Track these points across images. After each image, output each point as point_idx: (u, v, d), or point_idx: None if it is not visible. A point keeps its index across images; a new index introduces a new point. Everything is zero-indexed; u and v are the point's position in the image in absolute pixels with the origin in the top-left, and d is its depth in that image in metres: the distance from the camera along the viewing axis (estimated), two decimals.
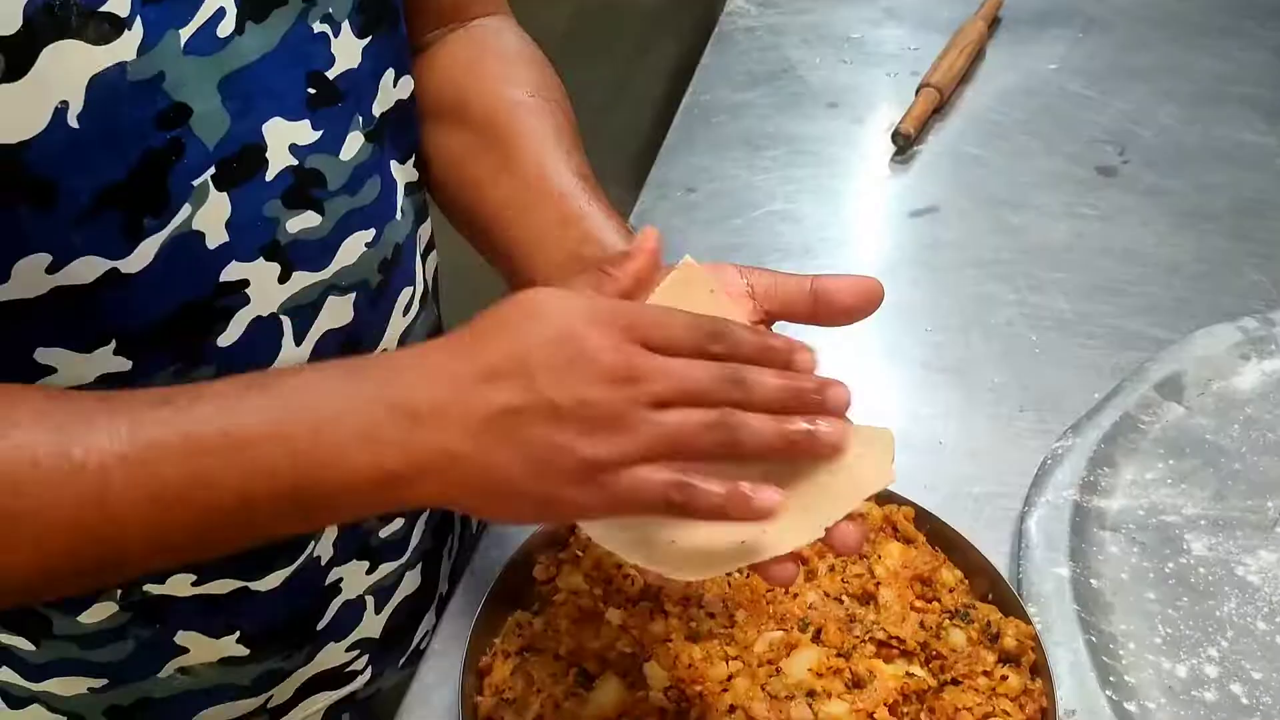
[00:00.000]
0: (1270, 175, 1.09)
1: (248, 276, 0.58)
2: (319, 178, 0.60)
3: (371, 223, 0.64)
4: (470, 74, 0.72)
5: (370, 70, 0.62)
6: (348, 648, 0.77)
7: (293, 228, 0.60)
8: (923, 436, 0.85)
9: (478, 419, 0.46)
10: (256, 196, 0.57)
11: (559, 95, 0.72)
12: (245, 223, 0.57)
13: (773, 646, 0.65)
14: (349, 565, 0.74)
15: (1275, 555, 0.74)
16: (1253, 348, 0.87)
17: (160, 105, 0.52)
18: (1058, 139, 1.16)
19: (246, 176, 0.56)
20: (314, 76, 0.59)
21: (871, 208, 1.10)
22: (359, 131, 0.62)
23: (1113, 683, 0.66)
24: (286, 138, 0.58)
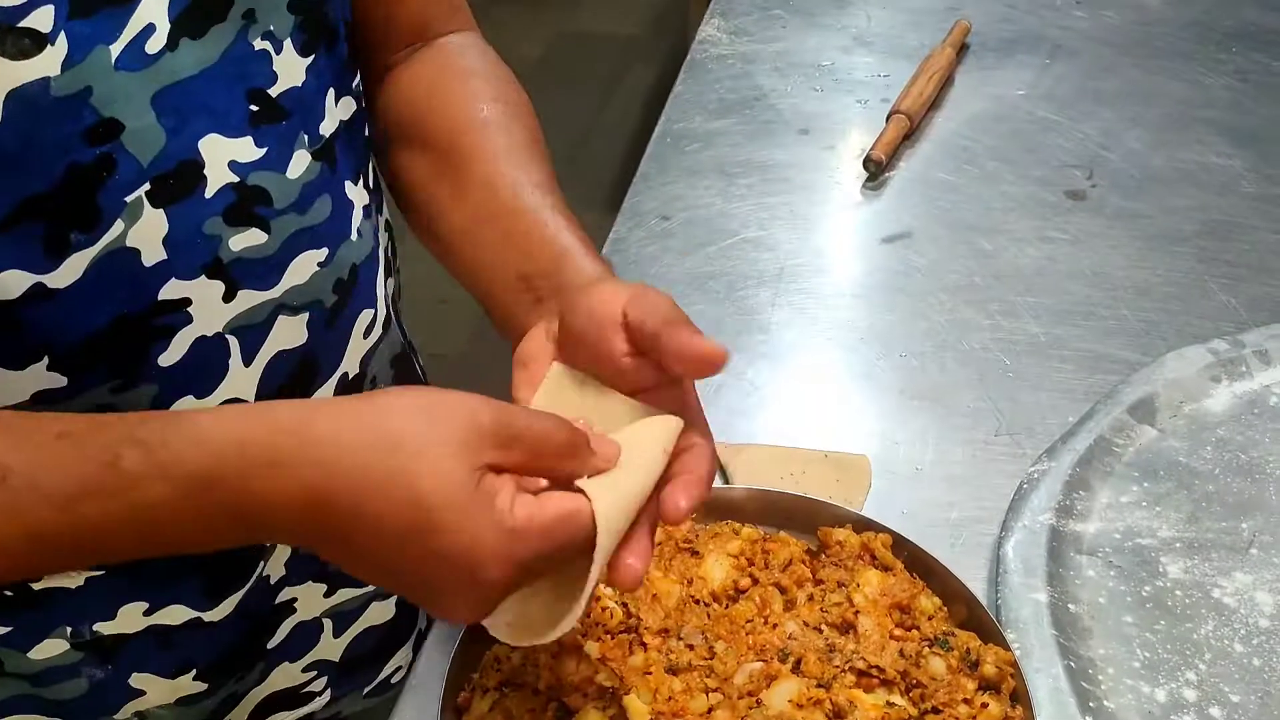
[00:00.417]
0: (1236, 198, 1.10)
1: (189, 295, 0.58)
2: (263, 195, 0.60)
3: (324, 242, 0.64)
4: (431, 95, 0.72)
5: (315, 89, 0.62)
6: (304, 668, 0.76)
7: (236, 245, 0.59)
8: (900, 462, 0.85)
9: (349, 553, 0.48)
10: (195, 213, 0.57)
11: (519, 107, 0.72)
12: (184, 240, 0.57)
13: (753, 678, 0.64)
14: (304, 586, 0.73)
15: (1250, 577, 0.74)
16: (1223, 369, 0.88)
17: (88, 120, 0.51)
18: (1027, 164, 1.17)
19: (184, 193, 0.56)
20: (255, 94, 0.58)
21: (844, 234, 1.11)
22: (305, 150, 0.62)
23: (1092, 708, 0.66)
24: (225, 154, 0.57)
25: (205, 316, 0.59)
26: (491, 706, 0.67)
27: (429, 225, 0.70)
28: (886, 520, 0.75)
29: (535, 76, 0.77)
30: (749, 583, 0.70)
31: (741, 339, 0.97)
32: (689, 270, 1.05)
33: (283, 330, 0.63)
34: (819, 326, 0.99)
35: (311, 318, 0.64)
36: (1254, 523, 0.78)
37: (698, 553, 0.72)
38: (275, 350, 0.63)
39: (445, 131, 0.70)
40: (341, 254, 0.65)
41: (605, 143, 2.64)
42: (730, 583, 0.70)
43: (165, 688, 0.68)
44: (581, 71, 2.67)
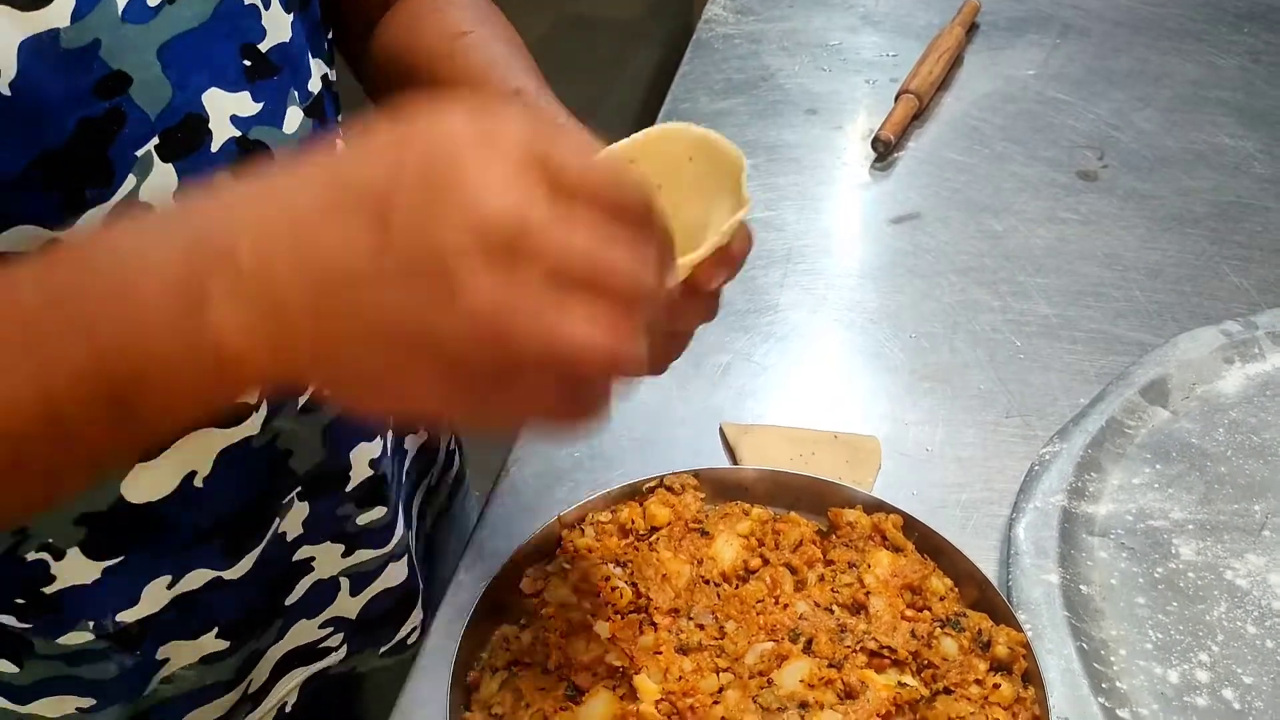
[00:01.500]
0: (1248, 179, 1.10)
1: None
2: (264, 149, 0.60)
3: None
4: (409, 32, 0.72)
5: (300, 46, 0.63)
6: (320, 624, 0.76)
7: None
8: (910, 444, 0.85)
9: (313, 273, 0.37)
10: (203, 167, 0.57)
11: (500, 28, 0.72)
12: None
13: (764, 658, 0.64)
14: (321, 546, 0.73)
15: (1263, 559, 0.74)
16: (1236, 351, 0.88)
17: (97, 73, 0.51)
18: (1037, 144, 1.16)
19: (191, 147, 0.56)
20: (248, 49, 0.58)
21: (853, 214, 1.10)
22: (298, 106, 0.62)
23: (1105, 689, 0.66)
24: (227, 108, 0.57)
25: None
26: (501, 686, 0.67)
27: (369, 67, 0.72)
28: (897, 501, 0.75)
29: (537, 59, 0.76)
30: (759, 563, 0.70)
31: (750, 319, 0.97)
32: None
33: None
34: (828, 307, 0.98)
35: None
36: (1266, 504, 0.77)
37: (708, 533, 0.71)
38: None
39: (426, 61, 0.70)
40: None
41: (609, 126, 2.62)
42: (740, 563, 0.70)
43: (189, 650, 0.69)
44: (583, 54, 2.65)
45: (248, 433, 0.64)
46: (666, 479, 0.75)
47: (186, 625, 0.68)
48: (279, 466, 0.68)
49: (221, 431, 0.63)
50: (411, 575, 0.81)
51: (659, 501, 0.73)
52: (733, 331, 0.95)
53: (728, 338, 0.95)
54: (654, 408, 0.88)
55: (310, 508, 0.71)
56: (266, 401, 0.64)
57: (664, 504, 0.73)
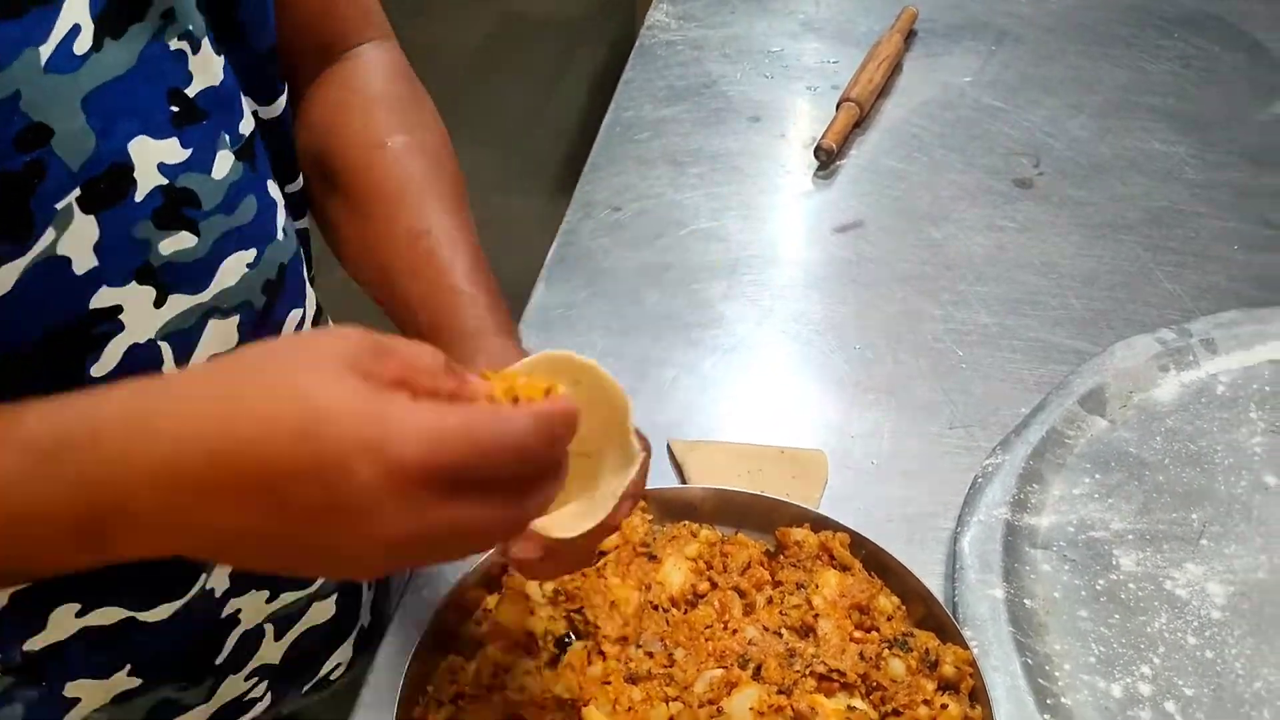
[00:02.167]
0: (1180, 185, 1.11)
1: (120, 302, 0.57)
2: (191, 197, 0.58)
3: (251, 243, 0.63)
4: (331, 129, 0.71)
5: (232, 88, 0.61)
6: (246, 676, 0.74)
7: (166, 249, 0.58)
8: (856, 457, 0.85)
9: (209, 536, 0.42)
10: (126, 218, 0.55)
11: (426, 137, 0.71)
12: (115, 245, 0.55)
13: (713, 685, 0.64)
14: (247, 596, 0.71)
15: (1201, 568, 0.75)
16: (1171, 359, 0.89)
17: (17, 126, 0.49)
18: (974, 152, 1.17)
19: (115, 198, 0.55)
20: (174, 94, 0.57)
21: (796, 224, 1.10)
22: (228, 150, 0.61)
23: (1050, 705, 0.67)
24: (154, 156, 0.56)
25: (137, 324, 0.58)
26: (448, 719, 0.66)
27: (345, 263, 0.70)
28: (844, 517, 0.75)
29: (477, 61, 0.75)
30: (708, 587, 0.69)
31: (695, 332, 0.96)
32: (642, 262, 1.04)
33: (214, 334, 0.61)
34: (773, 319, 0.98)
35: (242, 320, 0.63)
36: (1203, 513, 0.79)
37: (655, 557, 0.71)
38: (207, 355, 0.61)
39: (345, 170, 0.69)
40: (269, 254, 0.64)
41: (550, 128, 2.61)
42: (689, 587, 0.69)
43: (100, 690, 0.66)
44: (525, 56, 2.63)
45: None
46: None
47: (96, 661, 0.65)
48: None
49: None
50: (340, 612, 0.79)
51: None
52: (679, 345, 0.95)
53: (674, 351, 0.94)
54: None
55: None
56: None
57: None
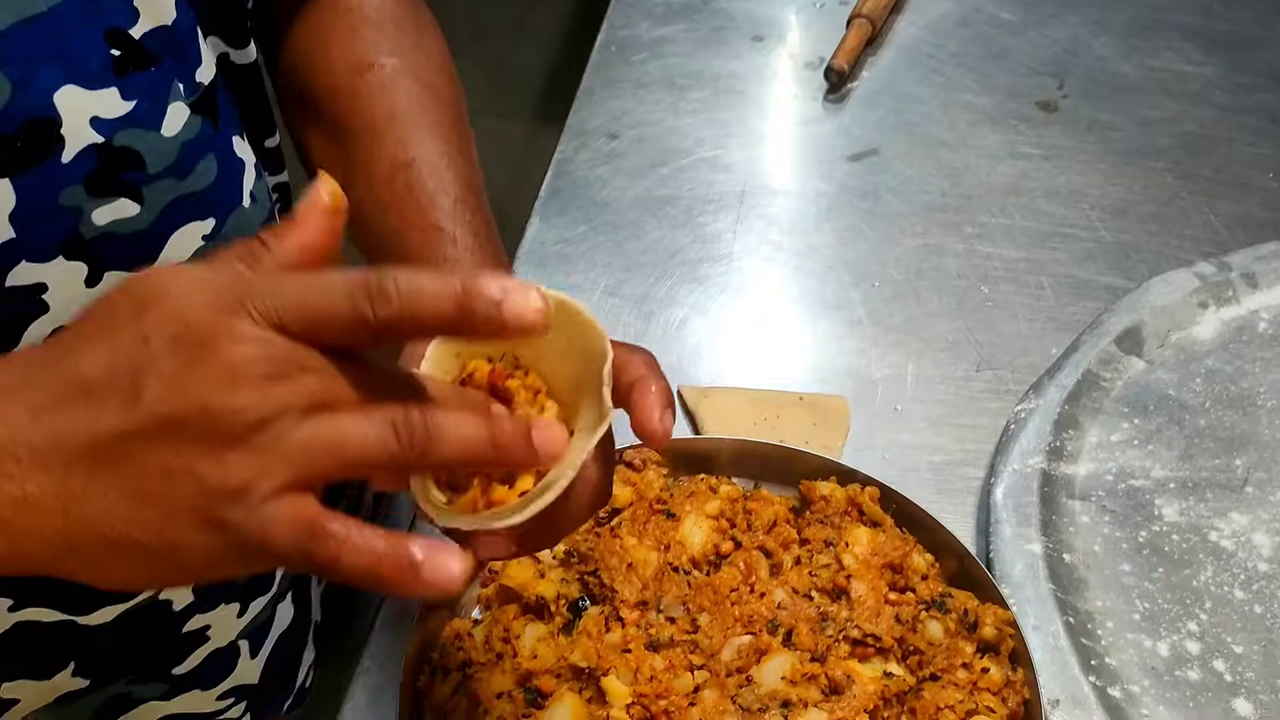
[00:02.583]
0: (1210, 108, 1.06)
1: (43, 279, 0.49)
2: (133, 157, 0.50)
3: (209, 211, 0.55)
4: (316, 50, 0.64)
5: (188, 28, 0.53)
6: (219, 696, 0.69)
7: (101, 219, 0.50)
8: (878, 402, 0.80)
9: (62, 453, 0.35)
10: (49, 182, 0.48)
11: (418, 59, 0.64)
12: (36, 214, 0.48)
13: (741, 653, 0.60)
14: (216, 612, 0.65)
15: (1247, 517, 0.71)
16: (1210, 294, 0.84)
17: None
18: (994, 72, 1.10)
19: (35, 159, 0.47)
20: (114, 35, 0.49)
21: (807, 151, 1.04)
22: (182, 102, 0.52)
23: (1094, 666, 0.63)
24: (86, 109, 0.48)
25: (64, 304, 0.50)
26: (455, 690, 0.62)
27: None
28: (867, 466, 0.70)
29: None
30: (731, 546, 0.65)
31: (703, 269, 0.91)
32: (642, 194, 0.98)
33: None
34: (785, 255, 0.92)
35: None
36: (1248, 458, 0.75)
37: (674, 515, 0.66)
38: None
39: (327, 97, 0.62)
40: (232, 223, 0.56)
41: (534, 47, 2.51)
42: (711, 547, 0.65)
43: (41, 690, 0.61)
44: None
45: None
46: (625, 454, 0.70)
47: (34, 662, 0.60)
48: None
49: None
50: (298, 610, 0.74)
51: (619, 480, 0.68)
52: (685, 284, 0.89)
53: (680, 290, 0.89)
54: None
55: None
56: None
57: (625, 483, 0.68)
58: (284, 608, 0.72)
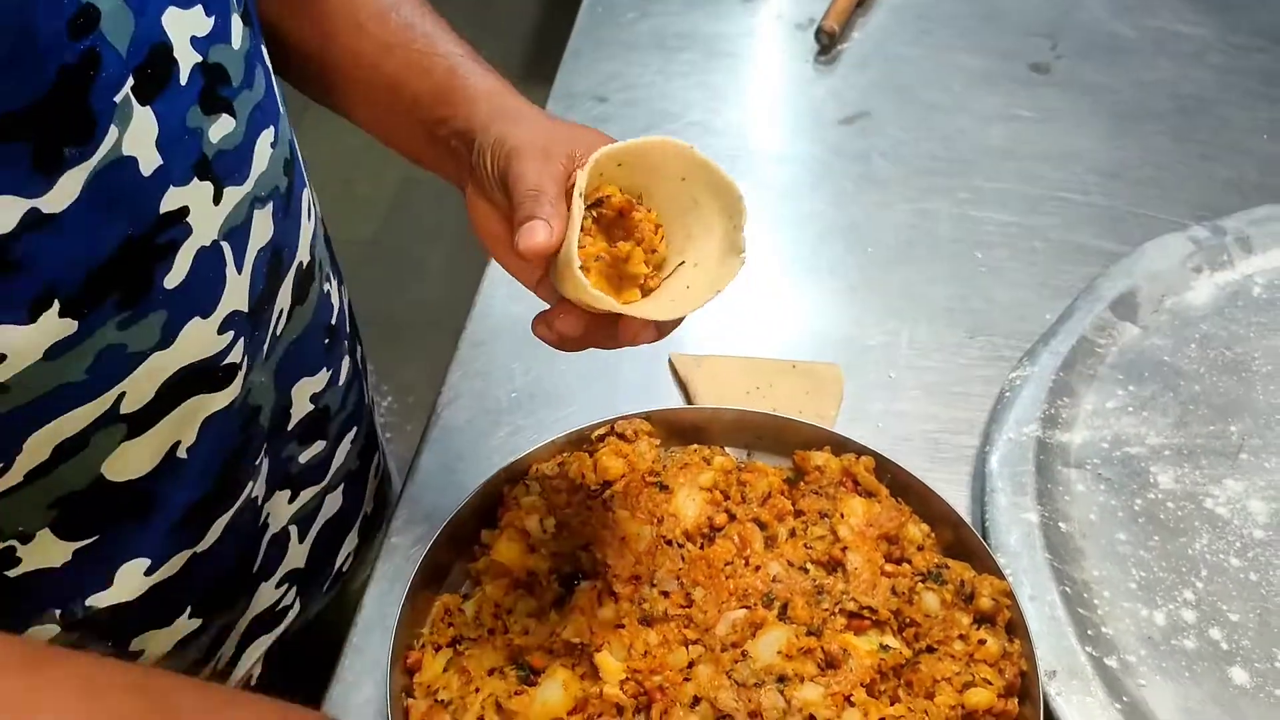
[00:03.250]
0: (1206, 70, 1.04)
1: (186, 203, 0.50)
2: (223, 74, 0.52)
3: (269, 120, 0.57)
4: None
5: None
6: (277, 583, 0.70)
7: (215, 137, 0.52)
8: (872, 370, 0.79)
9: None
10: (177, 106, 0.49)
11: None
12: (173, 139, 0.49)
13: (736, 627, 0.59)
14: (273, 498, 0.67)
15: (1242, 484, 0.71)
16: (1204, 258, 0.83)
17: (69, 9, 0.42)
18: (987, 33, 1.09)
19: (162, 84, 0.48)
20: None
21: (799, 114, 1.02)
22: (237, 15, 0.53)
23: (1091, 637, 0.63)
24: (186, 29, 0.49)
25: (202, 225, 0.51)
26: (446, 666, 0.61)
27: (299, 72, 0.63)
28: (861, 435, 0.70)
29: None
30: (725, 519, 0.64)
31: None
32: None
33: (258, 226, 0.56)
34: (777, 221, 0.91)
35: (274, 207, 0.57)
36: (1243, 425, 0.74)
37: (667, 487, 0.65)
38: (255, 249, 0.56)
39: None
40: (282, 130, 0.58)
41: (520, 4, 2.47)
42: (704, 520, 0.64)
43: (165, 638, 0.62)
44: None
45: (231, 396, 0.57)
46: (617, 424, 0.69)
47: (161, 612, 0.61)
48: (250, 425, 0.60)
49: (209, 396, 0.55)
50: (347, 501, 0.74)
51: (611, 451, 0.67)
52: None
53: None
54: None
55: (270, 459, 0.64)
56: (247, 356, 0.57)
57: (616, 454, 0.67)
58: (332, 498, 0.73)
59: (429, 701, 0.59)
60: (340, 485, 0.74)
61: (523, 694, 0.58)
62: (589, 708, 0.57)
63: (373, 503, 0.80)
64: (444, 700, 0.59)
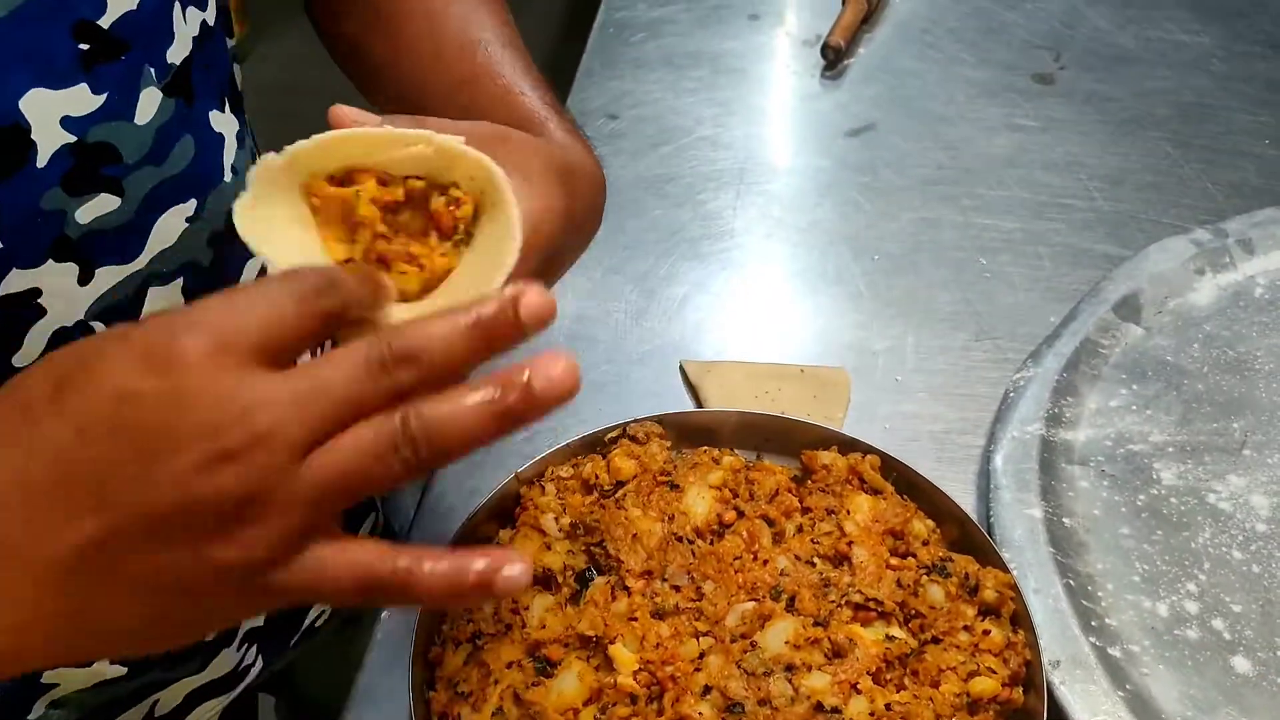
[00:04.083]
0: (1207, 77, 1.06)
1: (37, 285, 0.49)
2: (109, 151, 0.50)
3: (190, 193, 0.55)
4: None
5: (156, 7, 0.51)
6: (238, 645, 0.70)
7: (84, 217, 0.50)
8: (879, 374, 0.81)
9: (55, 570, 0.33)
10: (28, 188, 0.47)
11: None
12: (19, 222, 0.47)
13: (745, 619, 0.61)
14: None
15: (1244, 479, 0.72)
16: (1207, 261, 0.85)
17: None
18: (991, 46, 1.11)
19: (9, 167, 0.46)
20: (82, 28, 0.48)
21: (805, 128, 1.05)
22: (154, 86, 0.51)
23: (1094, 628, 0.64)
24: (55, 110, 0.47)
25: (61, 306, 0.50)
26: (466, 660, 0.63)
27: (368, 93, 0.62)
28: (868, 436, 0.71)
29: None
30: (734, 516, 0.66)
31: (704, 246, 0.91)
32: (643, 173, 0.98)
33: (157, 304, 0.54)
34: (785, 230, 0.93)
35: (187, 283, 0.55)
36: (1245, 422, 0.75)
37: (677, 486, 0.67)
38: None
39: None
40: (213, 202, 0.56)
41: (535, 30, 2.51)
42: (714, 517, 0.66)
43: (79, 677, 0.61)
44: None
45: None
46: (629, 427, 0.71)
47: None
48: None
49: None
50: None
51: (623, 453, 0.69)
52: (687, 260, 0.90)
53: (682, 267, 0.90)
54: (610, 346, 0.83)
55: None
56: None
57: (629, 455, 0.69)
58: None
59: (450, 694, 0.61)
60: None
61: (540, 685, 0.59)
62: (604, 697, 0.58)
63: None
64: (464, 693, 0.61)
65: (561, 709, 0.58)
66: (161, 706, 0.68)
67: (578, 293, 0.87)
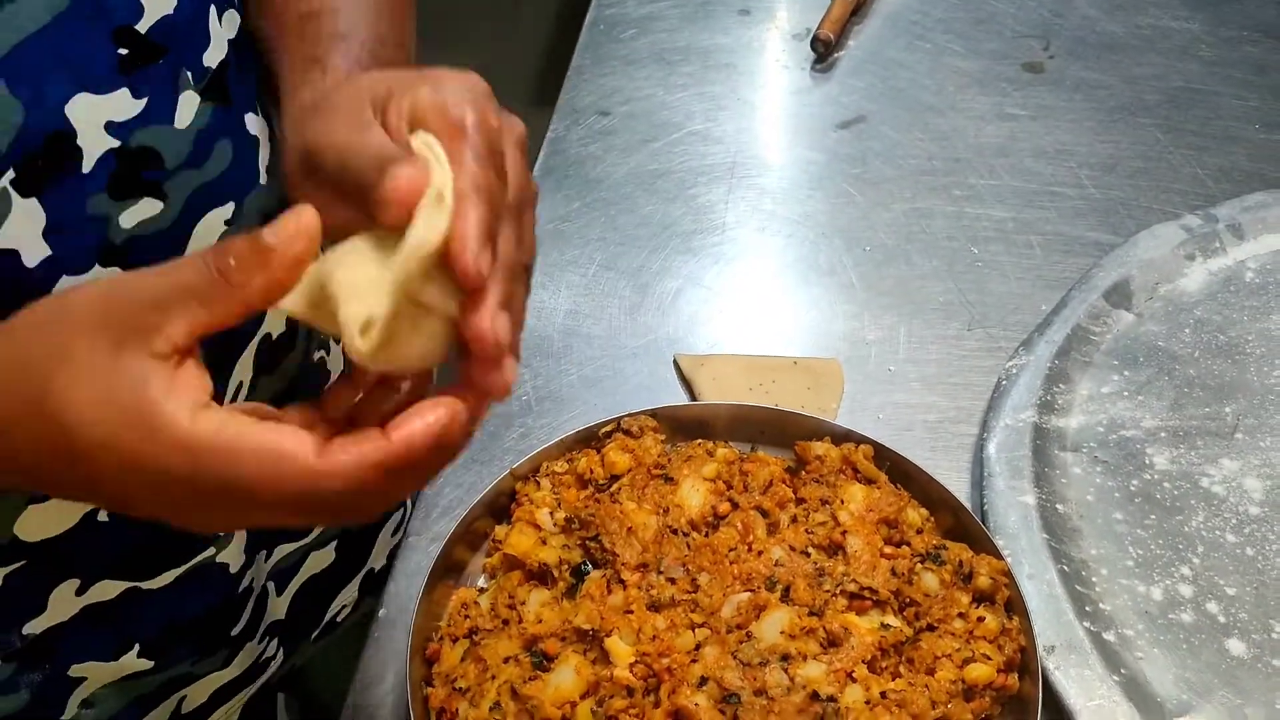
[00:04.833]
0: (1197, 64, 1.06)
1: None
2: (151, 155, 0.50)
3: (228, 196, 0.55)
4: None
5: (192, 11, 0.52)
6: (259, 639, 0.71)
7: (128, 222, 0.51)
8: (872, 364, 0.81)
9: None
10: (75, 194, 0.48)
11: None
12: (68, 227, 0.48)
13: (740, 609, 0.61)
14: (255, 562, 0.68)
15: (1237, 463, 0.72)
16: (1197, 246, 0.85)
17: None
18: (980, 36, 1.11)
19: (57, 173, 0.47)
20: (121, 33, 0.48)
21: (796, 121, 1.05)
22: (192, 90, 0.52)
23: (1089, 613, 0.64)
24: (99, 115, 0.48)
25: None
26: (464, 656, 0.63)
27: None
28: (862, 427, 0.72)
29: None
30: (728, 508, 0.66)
31: (697, 240, 0.92)
32: (634, 169, 0.98)
33: None
34: (777, 223, 0.93)
35: None
36: (1237, 405, 0.76)
37: (672, 479, 0.67)
38: None
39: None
40: (249, 205, 0.57)
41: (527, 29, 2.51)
42: (709, 509, 0.66)
43: (107, 671, 0.62)
44: None
45: None
46: (623, 421, 0.71)
47: (102, 641, 0.61)
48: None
49: None
50: (341, 558, 0.76)
51: (617, 447, 0.69)
52: (679, 255, 0.90)
53: (675, 262, 0.90)
54: (603, 341, 0.83)
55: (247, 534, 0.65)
56: None
57: (623, 449, 0.69)
58: (319, 555, 0.73)
59: (447, 690, 0.62)
60: (331, 543, 0.74)
61: (537, 679, 0.60)
62: (601, 690, 0.59)
63: (386, 559, 0.80)
64: (462, 688, 0.61)
65: (559, 703, 0.59)
66: (188, 703, 0.69)
67: (571, 288, 0.87)
